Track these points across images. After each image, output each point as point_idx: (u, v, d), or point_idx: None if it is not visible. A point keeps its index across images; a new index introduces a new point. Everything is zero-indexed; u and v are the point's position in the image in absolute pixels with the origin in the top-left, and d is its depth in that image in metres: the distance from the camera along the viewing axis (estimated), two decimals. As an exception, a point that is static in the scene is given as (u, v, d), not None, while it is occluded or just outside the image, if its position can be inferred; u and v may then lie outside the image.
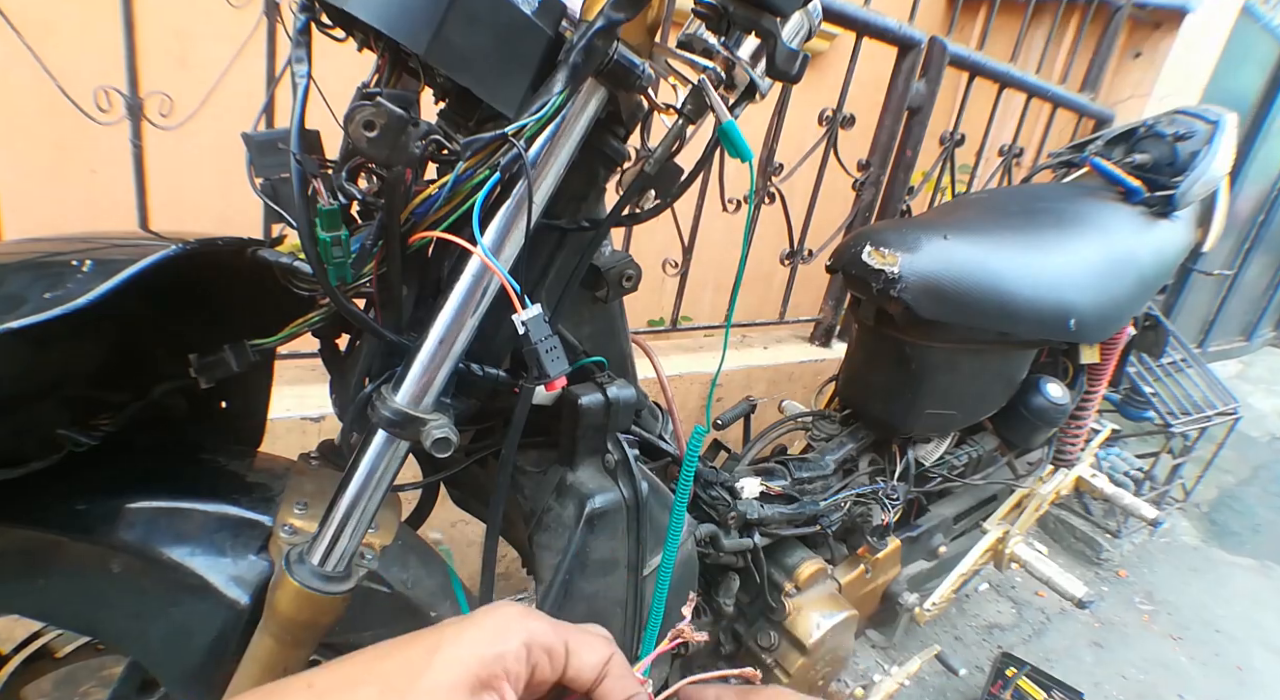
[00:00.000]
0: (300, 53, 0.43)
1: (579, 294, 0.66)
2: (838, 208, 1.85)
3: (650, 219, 0.64)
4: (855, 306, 1.09)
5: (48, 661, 0.73)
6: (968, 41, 1.90)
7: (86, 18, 1.33)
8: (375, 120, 0.41)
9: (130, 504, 0.54)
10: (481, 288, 0.49)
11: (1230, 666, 1.98)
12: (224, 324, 0.58)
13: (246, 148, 0.49)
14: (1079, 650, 1.94)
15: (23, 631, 0.73)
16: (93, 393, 0.58)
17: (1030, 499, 1.47)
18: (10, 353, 0.43)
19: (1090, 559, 2.38)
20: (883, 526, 1.04)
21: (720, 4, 0.52)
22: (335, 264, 0.46)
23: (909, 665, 1.20)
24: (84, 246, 0.49)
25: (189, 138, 1.09)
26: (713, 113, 0.54)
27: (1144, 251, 1.18)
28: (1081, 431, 1.48)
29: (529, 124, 0.47)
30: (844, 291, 1.93)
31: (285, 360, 1.25)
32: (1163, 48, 2.51)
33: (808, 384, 1.90)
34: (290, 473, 0.62)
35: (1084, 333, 1.07)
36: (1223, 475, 3.13)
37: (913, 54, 1.73)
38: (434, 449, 0.49)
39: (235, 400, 0.69)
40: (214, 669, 0.54)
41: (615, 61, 0.48)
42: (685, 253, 1.58)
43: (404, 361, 0.50)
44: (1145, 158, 1.30)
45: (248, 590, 0.54)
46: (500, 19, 0.45)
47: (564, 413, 0.66)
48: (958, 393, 1.10)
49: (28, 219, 1.04)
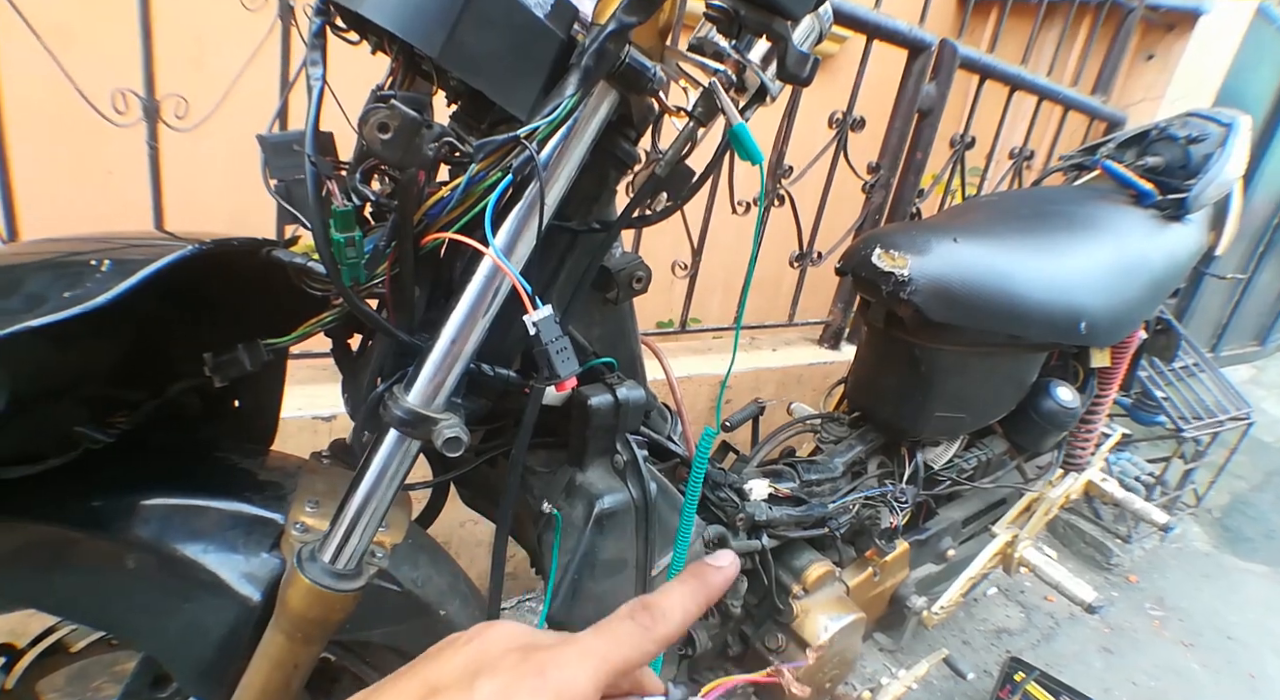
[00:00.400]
0: (315, 56, 0.44)
1: (589, 295, 0.67)
2: (847, 210, 1.85)
3: (661, 221, 0.64)
4: (865, 309, 1.09)
5: (62, 656, 0.74)
6: (978, 44, 1.89)
7: (104, 21, 1.34)
8: (389, 122, 0.42)
9: (145, 501, 0.55)
10: (493, 289, 0.49)
11: (1242, 674, 1.96)
12: (238, 323, 0.58)
13: (261, 149, 0.50)
14: (1088, 656, 1.93)
15: (38, 626, 0.74)
16: (110, 391, 0.59)
17: (1040, 503, 1.46)
18: (30, 351, 0.44)
19: (1100, 564, 2.36)
20: (891, 529, 1.03)
21: (731, 7, 0.53)
22: (349, 264, 0.46)
23: (917, 669, 1.19)
24: (102, 247, 0.49)
25: (204, 139, 1.10)
26: (723, 115, 0.54)
27: (1156, 255, 1.17)
28: (1092, 435, 1.47)
29: (541, 126, 0.47)
30: (853, 294, 1.92)
31: (298, 360, 1.26)
32: (1176, 50, 2.50)
33: (817, 386, 1.90)
34: (302, 471, 0.63)
35: (1095, 336, 1.07)
36: (1235, 481, 3.10)
37: (923, 57, 1.72)
38: (445, 448, 0.49)
39: (248, 399, 0.69)
40: (226, 665, 0.55)
41: (627, 64, 0.48)
42: (695, 255, 1.58)
43: (416, 361, 0.51)
44: (1158, 161, 1.29)
45: (260, 587, 0.54)
46: (513, 22, 0.45)
47: (574, 413, 0.66)
48: (967, 396, 1.10)
49: (46, 219, 1.05)
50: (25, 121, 1.03)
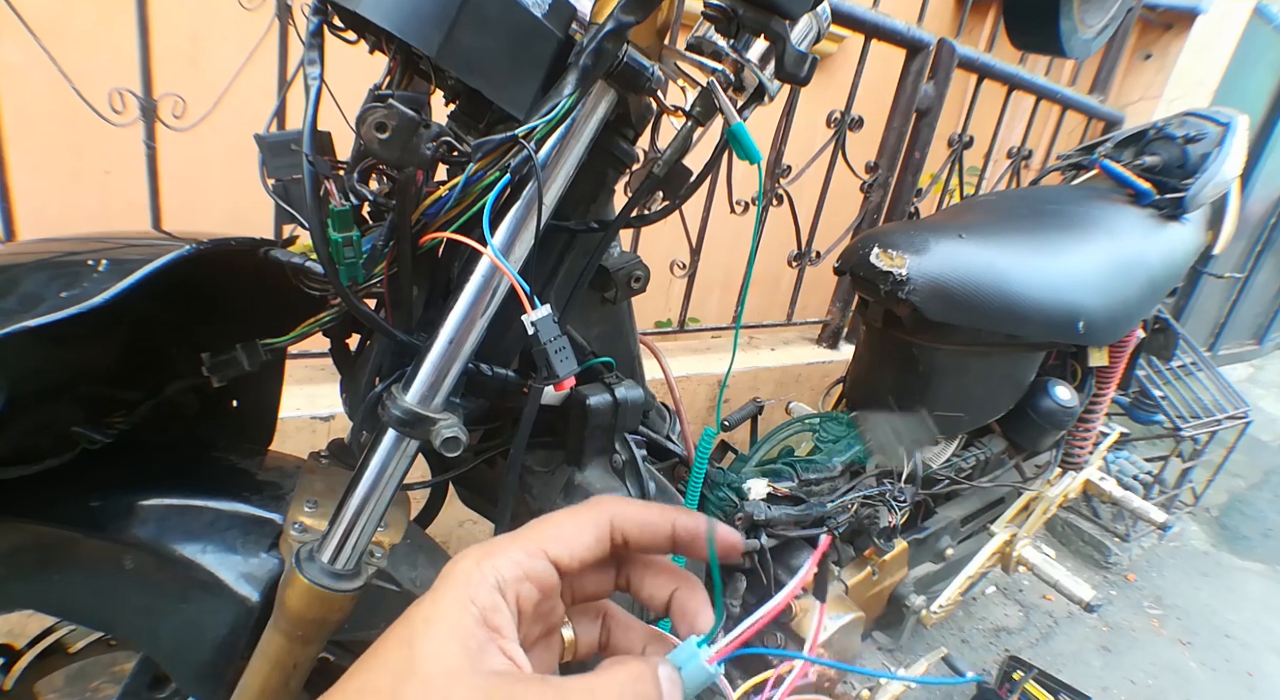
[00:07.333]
0: (313, 55, 0.44)
1: (587, 295, 0.67)
2: (846, 210, 1.85)
3: (659, 220, 0.64)
4: (863, 308, 1.09)
5: (60, 657, 0.74)
6: (976, 43, 1.89)
7: (101, 20, 1.34)
8: (387, 122, 0.42)
9: (143, 501, 0.55)
10: (491, 288, 0.49)
11: (1240, 672, 1.96)
12: (236, 323, 0.58)
13: (259, 149, 0.50)
14: (1087, 654, 1.93)
15: (36, 626, 0.74)
16: (107, 391, 0.59)
17: (1038, 502, 1.47)
18: (27, 351, 0.44)
19: (1098, 563, 2.36)
20: (890, 528, 1.03)
21: (729, 7, 0.53)
22: (347, 264, 0.46)
23: (915, 668, 1.19)
24: (99, 247, 0.49)
25: (202, 139, 1.10)
26: (721, 115, 0.54)
27: (1153, 254, 1.17)
28: (1090, 434, 1.47)
29: (539, 126, 0.47)
30: (852, 293, 1.92)
31: (296, 360, 1.26)
32: (1173, 49, 2.50)
33: (815, 386, 1.90)
34: (300, 471, 0.63)
35: (1093, 335, 1.07)
36: (1233, 479, 3.11)
37: (921, 56, 1.73)
38: (443, 448, 0.49)
39: (246, 399, 0.69)
40: (224, 665, 0.55)
41: (625, 64, 0.48)
42: (693, 254, 1.58)
43: (414, 361, 0.50)
44: (1155, 160, 1.29)
45: (258, 587, 0.54)
46: (510, 22, 0.45)
47: (572, 413, 0.66)
48: (966, 395, 1.10)
49: (43, 219, 1.05)
50: (23, 121, 1.03)
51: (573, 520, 0.34)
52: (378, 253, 0.48)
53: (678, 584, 0.36)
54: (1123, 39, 2.39)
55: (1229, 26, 2.62)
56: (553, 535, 0.33)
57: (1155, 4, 2.42)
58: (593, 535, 0.34)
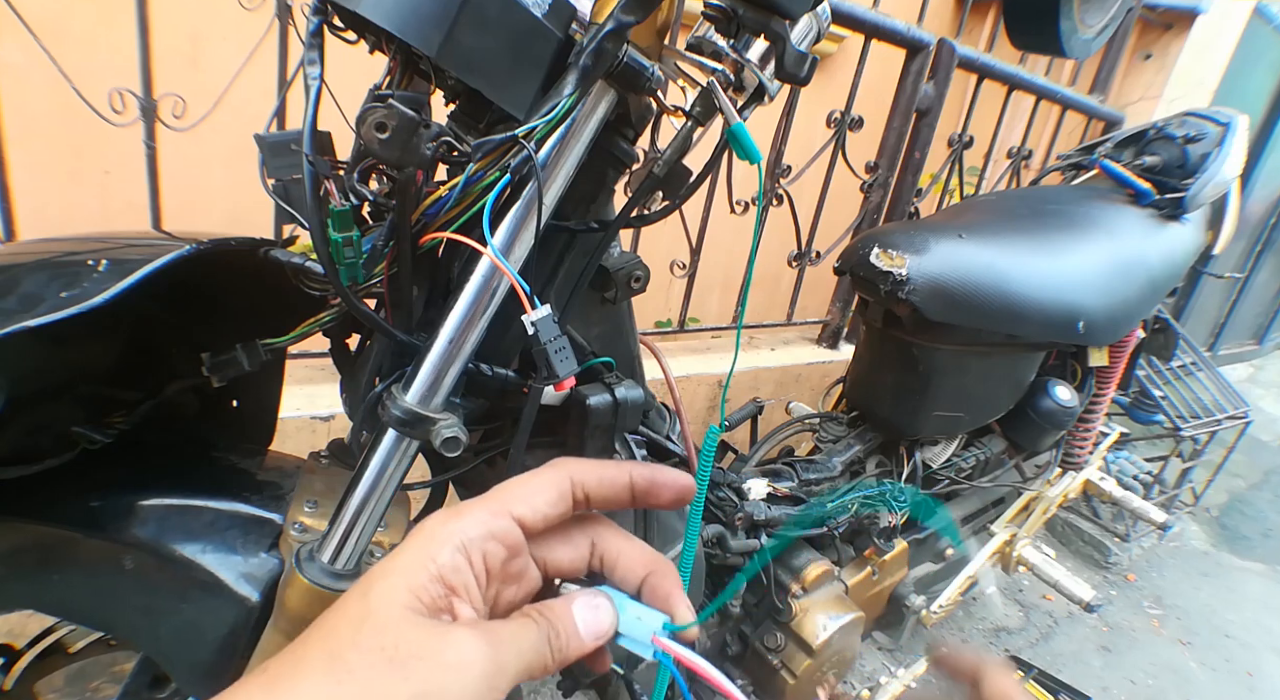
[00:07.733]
0: (313, 55, 0.44)
1: (587, 295, 0.67)
2: (846, 210, 1.85)
3: (659, 220, 0.64)
4: (863, 308, 1.09)
5: (60, 656, 0.74)
6: (976, 43, 1.89)
7: (101, 20, 1.34)
8: (387, 122, 0.42)
9: (143, 501, 0.55)
10: (491, 288, 0.49)
11: (1240, 672, 1.96)
12: (236, 323, 0.58)
13: (259, 149, 0.50)
14: (1087, 654, 1.93)
15: (36, 627, 0.74)
16: (107, 391, 0.59)
17: (1038, 502, 1.47)
18: (27, 351, 0.44)
19: (1098, 563, 2.36)
20: (890, 528, 1.04)
21: (729, 7, 0.53)
22: (347, 264, 0.46)
23: (915, 667, 1.20)
24: (99, 246, 0.49)
25: (202, 139, 1.10)
26: (721, 115, 0.54)
27: (1153, 254, 1.18)
28: (1090, 434, 1.47)
29: (539, 126, 0.47)
30: (852, 293, 1.92)
31: (296, 360, 1.26)
32: (1173, 49, 2.50)
33: (815, 386, 1.90)
34: (300, 471, 0.63)
35: (1093, 335, 1.07)
36: (1233, 479, 3.11)
37: (921, 56, 1.73)
38: (443, 448, 0.49)
39: (246, 399, 0.69)
40: (225, 665, 0.55)
41: (625, 64, 0.48)
42: (693, 254, 1.58)
43: (414, 361, 0.50)
44: (1155, 160, 1.29)
45: (258, 587, 0.54)
46: (510, 22, 0.45)
47: (572, 413, 0.66)
48: (966, 395, 1.10)
49: (43, 219, 1.05)
50: (23, 121, 1.03)
51: (534, 480, 0.36)
52: (378, 253, 0.48)
53: (651, 568, 0.36)
54: (1123, 39, 2.39)
55: (1229, 26, 2.62)
56: (517, 496, 0.35)
57: (1155, 4, 2.42)
58: (555, 492, 0.35)
